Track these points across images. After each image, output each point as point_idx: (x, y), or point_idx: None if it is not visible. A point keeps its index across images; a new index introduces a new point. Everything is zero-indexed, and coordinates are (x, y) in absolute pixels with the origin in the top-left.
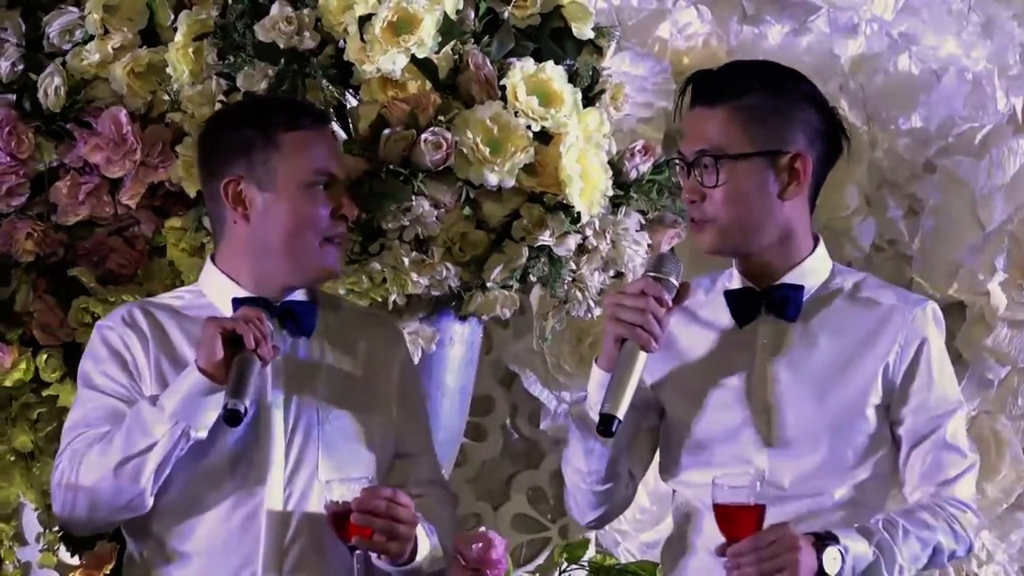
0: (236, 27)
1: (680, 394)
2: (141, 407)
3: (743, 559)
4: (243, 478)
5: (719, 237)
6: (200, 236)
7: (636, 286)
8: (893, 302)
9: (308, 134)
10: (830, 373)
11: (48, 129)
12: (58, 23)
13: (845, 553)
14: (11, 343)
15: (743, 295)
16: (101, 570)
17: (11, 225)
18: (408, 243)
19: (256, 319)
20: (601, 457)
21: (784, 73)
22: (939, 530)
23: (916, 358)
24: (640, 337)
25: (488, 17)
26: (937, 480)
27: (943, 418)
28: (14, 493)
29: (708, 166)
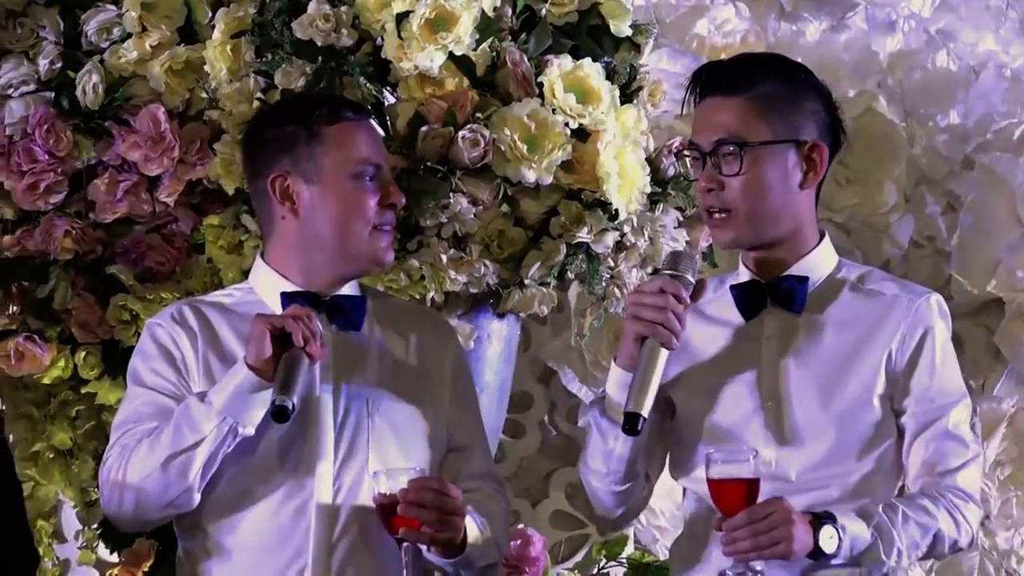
0: (274, 24)
1: (692, 392)
2: (190, 403)
3: (738, 533)
4: (292, 471)
5: (738, 229)
6: (238, 234)
7: (654, 284)
8: (896, 292)
9: (351, 125)
10: (835, 365)
11: (86, 127)
12: (96, 21)
13: (842, 533)
14: (50, 341)
15: (749, 288)
16: (140, 567)
17: (50, 223)
18: (446, 240)
19: (305, 317)
20: (621, 458)
21: (792, 64)
22: (940, 518)
23: (919, 347)
24: (661, 335)
25: (526, 14)
26: (939, 469)
27: (946, 408)
28: (53, 490)
29: (729, 154)
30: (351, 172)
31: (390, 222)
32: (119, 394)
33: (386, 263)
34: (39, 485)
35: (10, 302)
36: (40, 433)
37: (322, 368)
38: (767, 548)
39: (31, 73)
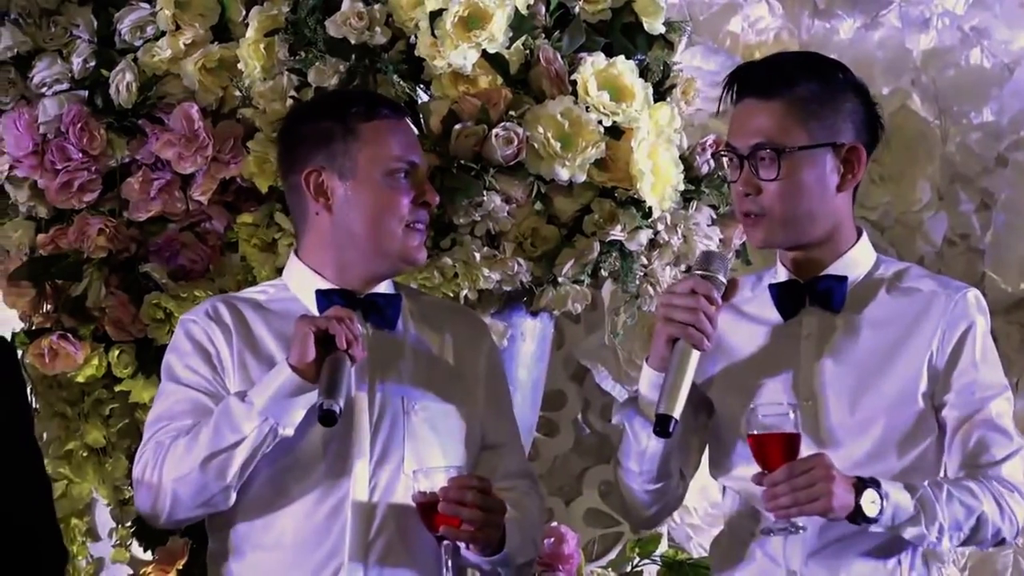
0: (307, 23)
1: (730, 391)
2: (230, 403)
3: (778, 488)
4: (328, 470)
5: (772, 231)
6: (271, 231)
7: (686, 285)
8: (934, 288)
9: (387, 123)
10: (874, 363)
11: (120, 125)
12: (129, 19)
13: (885, 499)
14: (83, 339)
15: (787, 288)
16: (173, 566)
17: (83, 221)
18: (479, 238)
19: (347, 319)
20: (653, 457)
21: (829, 63)
22: (984, 501)
23: (960, 342)
24: (693, 336)
25: (559, 12)
26: (982, 461)
27: (987, 400)
28: (87, 489)
29: (767, 160)
30: (386, 169)
31: (423, 220)
32: (153, 392)
33: (419, 261)
34: (73, 483)
35: (44, 300)
36: (74, 431)
37: (358, 367)
38: (806, 504)
39: (65, 71)
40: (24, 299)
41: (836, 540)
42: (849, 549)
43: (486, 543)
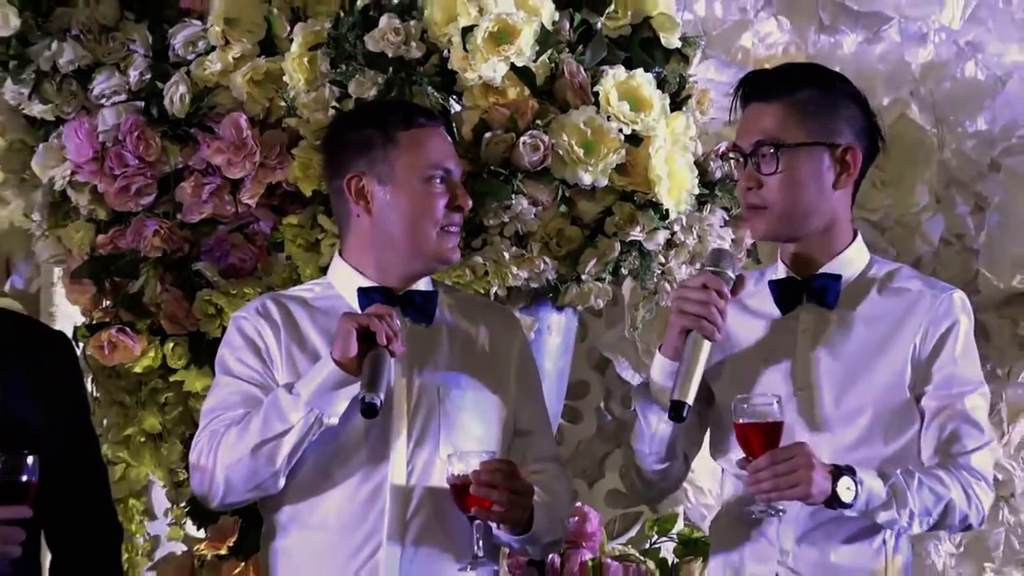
0: (348, 38)
1: (732, 380)
2: (278, 394)
3: (761, 473)
4: (369, 455)
5: (772, 223)
6: (315, 233)
7: (698, 280)
8: (921, 288)
9: (424, 131)
10: (864, 356)
11: (173, 134)
12: (182, 35)
13: (860, 486)
14: (140, 332)
15: (786, 284)
16: (224, 543)
17: (140, 223)
18: (508, 239)
19: (387, 316)
20: (662, 440)
21: (830, 73)
22: (953, 489)
23: (943, 338)
24: (705, 328)
25: (582, 28)
26: (953, 450)
27: (963, 394)
28: (144, 471)
29: (767, 155)
30: (422, 175)
31: (457, 223)
32: (205, 382)
33: (452, 261)
34: (131, 467)
35: (104, 297)
36: (131, 418)
37: (397, 359)
38: (787, 489)
39: (122, 84)
40: (85, 296)
41: (825, 522)
42: (837, 531)
43: (515, 523)
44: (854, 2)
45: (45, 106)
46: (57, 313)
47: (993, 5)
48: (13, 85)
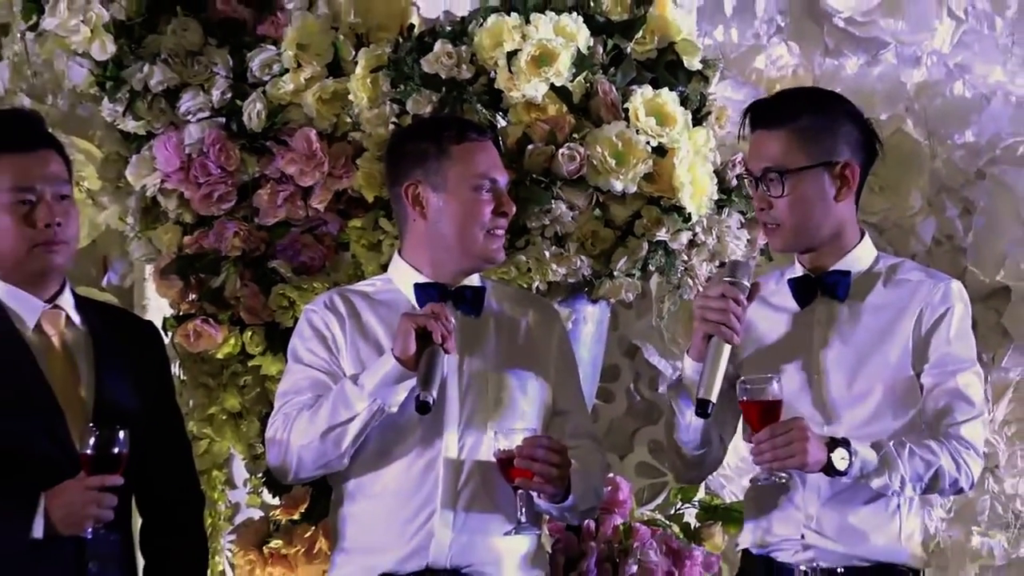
0: (406, 61)
1: (758, 369)
2: (345, 384)
3: (762, 446)
4: (424, 433)
5: (787, 239)
6: (377, 234)
7: (717, 291)
8: (922, 278)
9: (474, 145)
10: (872, 342)
11: (251, 146)
12: (259, 59)
13: (854, 456)
14: (222, 323)
15: (802, 281)
16: (297, 509)
17: (222, 225)
18: (548, 239)
19: (444, 317)
20: (696, 429)
21: (827, 96)
22: (942, 456)
23: (939, 321)
24: (724, 334)
25: (614, 52)
26: (946, 421)
27: (958, 371)
28: (226, 446)
29: (774, 180)
30: (472, 184)
31: (502, 227)
32: (279, 366)
33: (498, 261)
34: (214, 442)
35: (189, 291)
36: (214, 399)
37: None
38: (785, 459)
39: (206, 102)
40: (173, 290)
41: (844, 489)
42: (855, 496)
43: (554, 492)
44: (855, 29)
45: (138, 122)
46: (148, 306)
47: (979, 31)
48: (109, 104)
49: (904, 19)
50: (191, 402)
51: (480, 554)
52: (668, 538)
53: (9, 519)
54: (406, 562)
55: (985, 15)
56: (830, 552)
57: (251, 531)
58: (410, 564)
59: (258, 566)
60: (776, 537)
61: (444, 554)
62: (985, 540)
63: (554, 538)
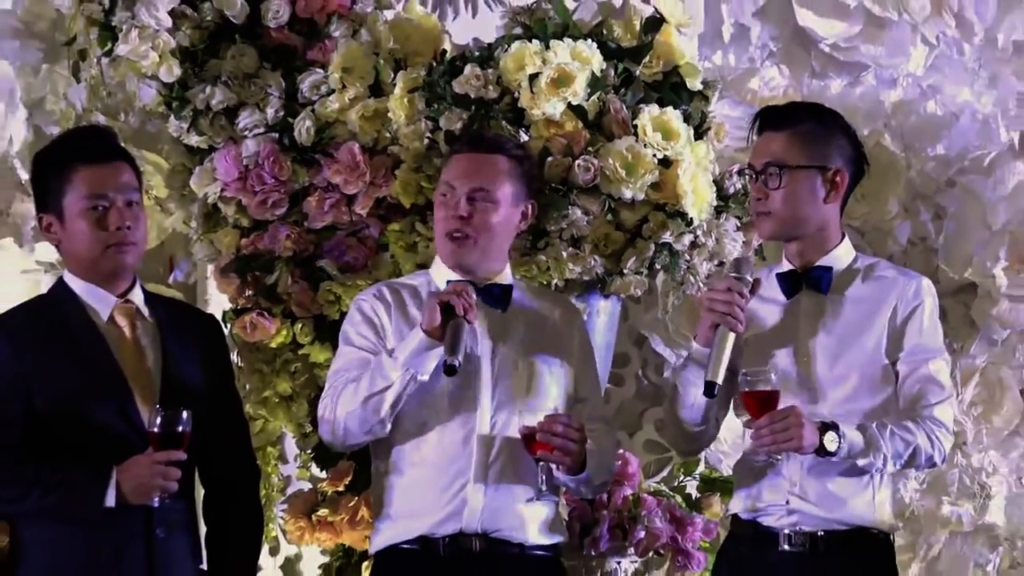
0: (439, 83)
1: (751, 354)
2: (382, 358)
3: (762, 431)
4: (461, 410)
5: (775, 226)
6: (413, 236)
7: (724, 284)
8: (896, 276)
9: (457, 156)
10: (852, 331)
11: (301, 158)
12: (309, 81)
13: (842, 438)
14: (275, 316)
15: (789, 275)
16: (342, 481)
17: (275, 229)
18: (565, 241)
19: (464, 292)
20: (699, 408)
21: (826, 110)
22: (919, 436)
23: (911, 314)
24: (729, 323)
25: (624, 74)
26: (920, 404)
27: (929, 359)
28: (278, 425)
29: (773, 174)
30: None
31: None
32: (327, 354)
33: (451, 262)
34: (268, 422)
35: (246, 287)
36: (268, 384)
37: (481, 338)
38: (783, 443)
39: (261, 119)
40: (232, 287)
41: (825, 460)
42: (835, 467)
43: (571, 466)
44: (839, 54)
45: (200, 137)
46: (210, 301)
47: (949, 56)
48: (175, 121)
49: (882, 45)
50: (247, 386)
51: (507, 519)
52: (672, 507)
53: (85, 490)
54: (441, 526)
55: (955, 41)
56: (812, 516)
57: (301, 501)
58: (445, 528)
59: (307, 532)
60: (763, 503)
61: (475, 519)
62: (954, 509)
63: (570, 507)
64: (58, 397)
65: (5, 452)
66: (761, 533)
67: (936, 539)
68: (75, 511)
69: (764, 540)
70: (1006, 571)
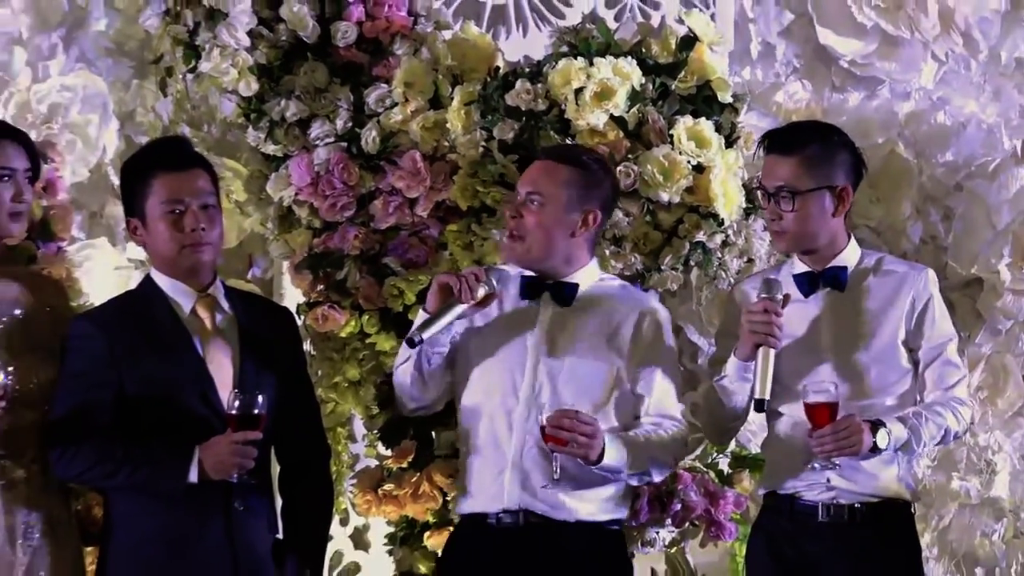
0: (493, 96)
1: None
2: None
3: (824, 440)
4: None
5: (790, 243)
6: (469, 236)
7: (760, 306)
8: (905, 270)
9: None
10: (869, 322)
11: (368, 165)
12: (374, 95)
13: (889, 435)
14: (344, 308)
15: (807, 276)
16: (405, 459)
17: (344, 229)
18: (608, 240)
19: (469, 276)
20: (735, 413)
21: (828, 128)
22: (947, 418)
23: (926, 307)
24: (771, 343)
25: (661, 88)
26: (943, 386)
27: (944, 345)
28: (347, 408)
29: (786, 197)
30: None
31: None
32: (392, 343)
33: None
34: (338, 404)
35: (318, 282)
36: (338, 370)
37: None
38: (846, 449)
39: (331, 130)
40: (305, 282)
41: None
42: None
43: (584, 457)
44: (857, 69)
45: (276, 146)
46: (285, 295)
47: (957, 71)
48: (253, 131)
49: (896, 61)
50: (319, 372)
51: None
52: (706, 482)
53: (170, 467)
54: (489, 504)
55: (962, 58)
56: (848, 491)
57: (368, 477)
58: (492, 506)
59: (374, 505)
60: (803, 481)
61: (515, 500)
62: (963, 483)
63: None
64: (146, 383)
65: (99, 433)
66: (801, 507)
67: (946, 511)
68: (161, 486)
69: (804, 513)
70: (1010, 540)
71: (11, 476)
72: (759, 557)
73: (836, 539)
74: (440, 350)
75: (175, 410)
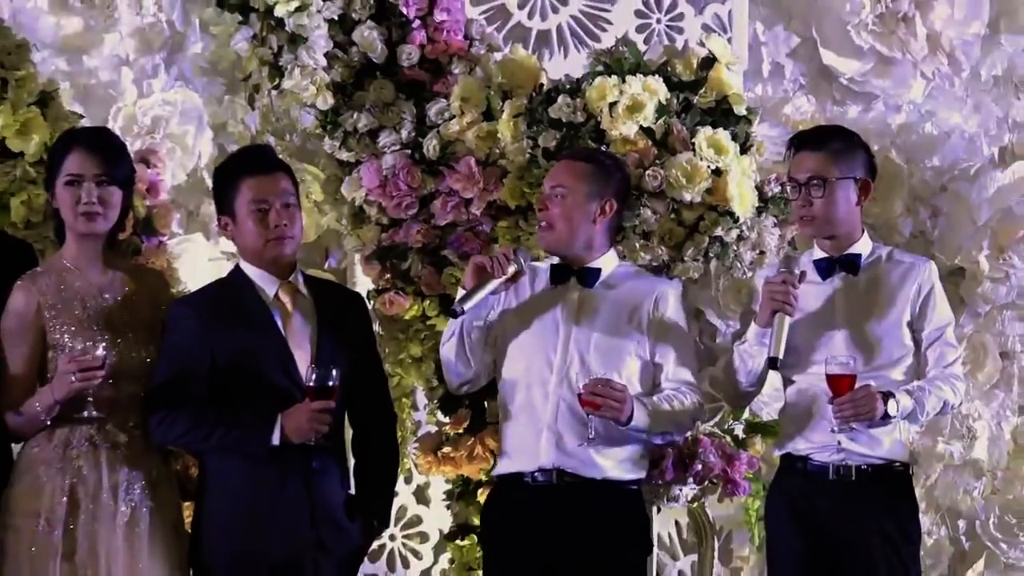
0: (538, 110)
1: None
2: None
3: (844, 407)
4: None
5: (818, 227)
6: (517, 231)
7: (779, 278)
8: (912, 261)
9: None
10: (879, 305)
11: (429, 170)
12: (435, 108)
13: (899, 405)
14: (408, 294)
15: (826, 261)
16: (461, 425)
17: (408, 226)
18: (638, 235)
19: (499, 256)
20: (754, 375)
21: (848, 131)
22: (947, 392)
23: (929, 294)
24: (787, 310)
25: (684, 102)
26: (943, 363)
27: (944, 328)
28: (410, 381)
29: (817, 184)
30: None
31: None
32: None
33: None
34: (403, 378)
35: (385, 272)
36: (403, 348)
37: (568, 311)
38: (863, 415)
39: (397, 139)
40: (374, 271)
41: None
42: None
43: (616, 419)
44: (855, 86)
45: (349, 153)
46: (357, 282)
47: (942, 87)
48: (329, 140)
49: (889, 79)
50: (386, 350)
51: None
52: (723, 445)
53: (257, 431)
54: (526, 464)
55: (947, 75)
56: (855, 454)
57: (429, 440)
58: (529, 465)
59: (434, 465)
60: (815, 444)
61: (550, 460)
62: (947, 447)
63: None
64: (235, 357)
65: (193, 401)
66: (813, 467)
67: (933, 471)
68: (248, 448)
69: (816, 473)
70: (988, 496)
71: (115, 439)
72: (777, 512)
73: (845, 496)
74: (478, 324)
75: (260, 382)
